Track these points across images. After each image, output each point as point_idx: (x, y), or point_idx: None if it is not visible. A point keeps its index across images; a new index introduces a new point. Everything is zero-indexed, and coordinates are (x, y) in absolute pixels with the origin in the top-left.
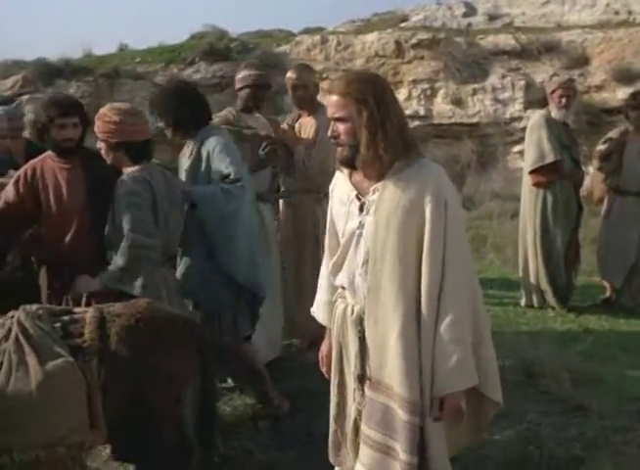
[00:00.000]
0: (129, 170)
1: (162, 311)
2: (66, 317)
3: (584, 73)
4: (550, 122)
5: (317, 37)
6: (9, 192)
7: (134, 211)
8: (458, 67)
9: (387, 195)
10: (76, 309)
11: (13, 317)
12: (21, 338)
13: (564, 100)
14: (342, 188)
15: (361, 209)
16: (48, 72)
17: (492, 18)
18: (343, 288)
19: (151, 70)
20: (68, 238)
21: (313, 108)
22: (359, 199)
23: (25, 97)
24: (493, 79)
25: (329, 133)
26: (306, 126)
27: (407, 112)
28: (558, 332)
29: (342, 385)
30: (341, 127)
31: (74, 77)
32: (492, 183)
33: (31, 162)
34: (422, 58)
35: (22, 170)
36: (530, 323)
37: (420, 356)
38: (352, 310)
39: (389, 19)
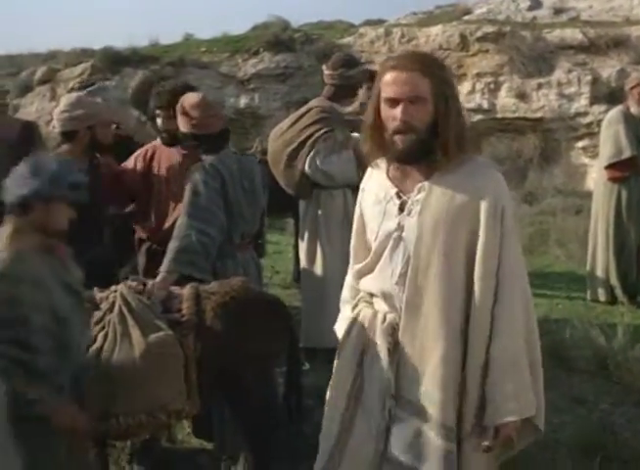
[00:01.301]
0: (204, 159)
1: (254, 291)
2: (148, 284)
3: None
4: (628, 118)
5: (381, 29)
6: (129, 163)
7: (196, 199)
8: (523, 61)
9: (435, 195)
10: (173, 287)
11: (116, 291)
12: (124, 310)
13: None
14: (379, 185)
15: (401, 208)
16: (115, 61)
17: (558, 11)
18: (371, 294)
19: (216, 59)
20: (169, 222)
21: None
22: (400, 197)
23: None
24: (559, 74)
25: (399, 116)
26: None
27: (470, 105)
28: (628, 326)
29: (357, 399)
30: (415, 110)
31: (141, 65)
32: (555, 179)
33: (148, 144)
34: (487, 51)
35: (143, 149)
36: (600, 317)
37: (465, 382)
38: (384, 318)
39: (452, 11)
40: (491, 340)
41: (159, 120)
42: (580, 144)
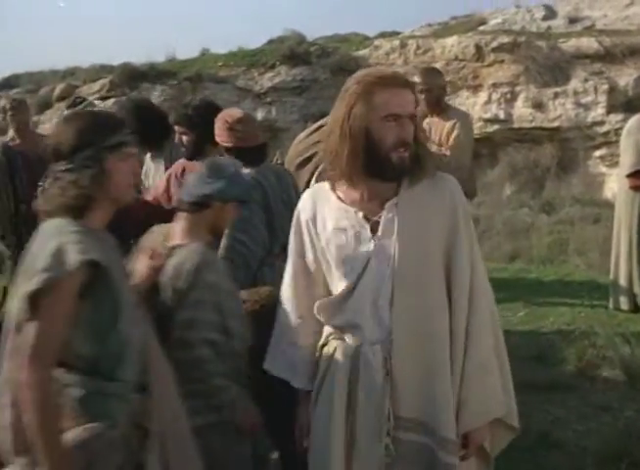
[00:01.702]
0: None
1: None
2: None
3: None
4: None
5: (396, 42)
6: (159, 187)
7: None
8: (539, 70)
9: (410, 212)
10: None
11: None
12: None
13: None
14: (333, 212)
15: (373, 231)
16: (133, 76)
17: (573, 21)
18: (340, 329)
19: (233, 73)
20: None
21: (440, 109)
22: (368, 220)
23: (112, 100)
24: (575, 83)
25: (403, 134)
26: (436, 126)
27: (487, 115)
28: None
29: (350, 442)
30: (412, 127)
31: (159, 81)
32: (573, 188)
33: (181, 160)
34: (502, 61)
35: (173, 168)
36: (622, 325)
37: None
38: (372, 348)
39: (467, 22)
40: (466, 347)
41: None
42: (598, 153)
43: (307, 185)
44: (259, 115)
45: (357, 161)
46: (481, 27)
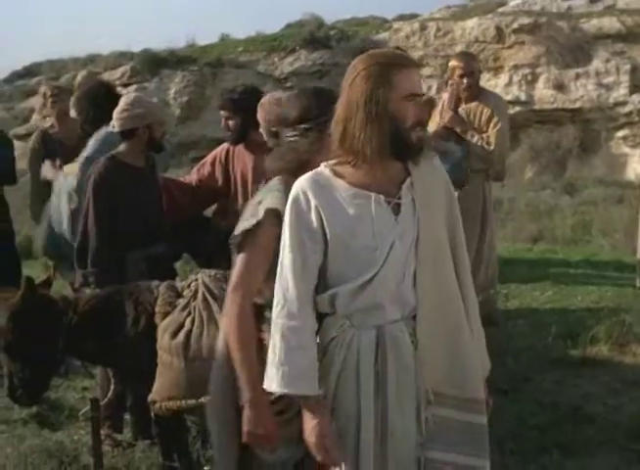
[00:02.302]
0: None
1: None
2: None
3: None
4: None
5: (416, 24)
6: (204, 168)
7: None
8: (560, 51)
9: (424, 191)
10: None
11: (197, 280)
12: (208, 297)
13: None
14: (346, 198)
15: (394, 213)
16: (154, 63)
17: (594, 0)
18: (357, 313)
19: (253, 58)
20: None
21: (476, 93)
22: (389, 202)
23: (133, 87)
24: (597, 63)
25: (422, 114)
26: (475, 111)
27: (508, 97)
28: None
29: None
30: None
31: (179, 67)
32: (595, 169)
33: (224, 144)
34: (523, 43)
35: (216, 151)
36: None
37: None
38: (398, 329)
39: (487, 4)
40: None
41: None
42: (620, 134)
43: None
44: None
45: (384, 142)
46: (501, 9)
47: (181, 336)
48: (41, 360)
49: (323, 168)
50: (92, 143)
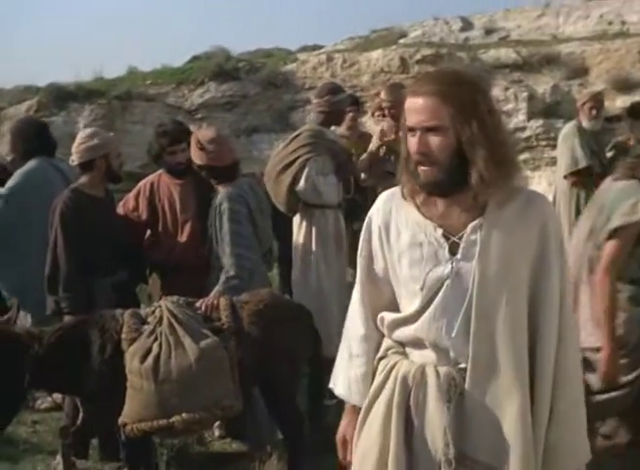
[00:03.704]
0: (223, 189)
1: (282, 299)
2: (198, 303)
3: (584, 83)
4: (581, 131)
5: (323, 56)
6: (129, 203)
7: (237, 227)
8: None
9: (496, 235)
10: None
11: (160, 306)
12: (173, 322)
13: (594, 111)
14: (410, 223)
15: (452, 251)
16: (61, 96)
17: (489, 31)
18: (402, 344)
19: (162, 91)
20: (179, 245)
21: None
22: (447, 238)
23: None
24: (497, 92)
25: (415, 148)
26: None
27: None
28: None
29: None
30: (434, 140)
31: (87, 101)
32: None
33: (148, 177)
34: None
35: (141, 184)
36: None
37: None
38: (437, 372)
39: (388, 35)
40: (555, 391)
41: (172, 157)
42: (521, 157)
43: (290, 188)
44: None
45: (410, 171)
46: (402, 40)
47: (150, 360)
48: (6, 395)
49: (399, 189)
50: (16, 174)
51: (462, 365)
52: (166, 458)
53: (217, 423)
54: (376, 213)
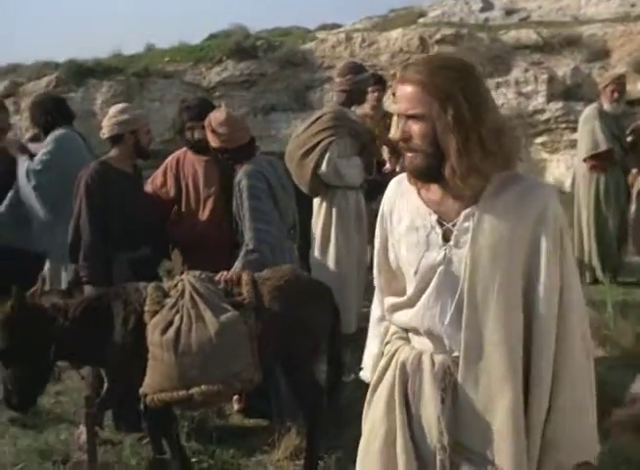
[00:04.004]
0: (242, 167)
1: (303, 276)
2: (217, 277)
3: (605, 66)
4: (602, 115)
5: (342, 35)
6: (157, 179)
7: (257, 203)
8: (481, 61)
9: (488, 223)
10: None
11: (182, 280)
12: (195, 296)
13: (616, 94)
14: (412, 207)
15: (445, 238)
16: (80, 73)
17: (509, 12)
18: (406, 330)
19: (180, 69)
20: (201, 221)
21: None
22: (442, 225)
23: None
24: (516, 73)
25: (397, 134)
26: None
27: None
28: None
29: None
30: (414, 128)
31: (106, 77)
32: None
33: (175, 153)
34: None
35: (167, 160)
36: (586, 295)
37: (528, 432)
38: (432, 360)
39: (407, 14)
40: (555, 387)
41: (190, 133)
42: (539, 140)
43: (314, 172)
44: None
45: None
46: (422, 20)
47: (171, 332)
48: (34, 367)
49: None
50: (49, 141)
51: (456, 354)
52: (187, 430)
53: (236, 397)
54: (385, 200)
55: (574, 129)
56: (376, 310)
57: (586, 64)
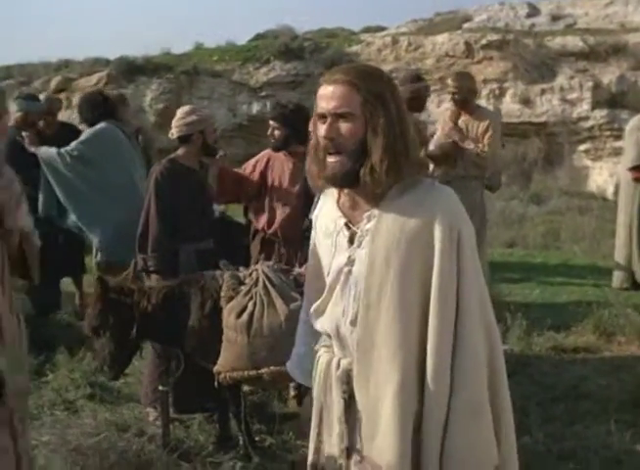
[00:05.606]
0: None
1: None
2: (294, 271)
3: None
4: None
5: (388, 38)
6: (248, 168)
7: None
8: (527, 67)
9: (385, 224)
10: (295, 268)
11: (257, 270)
12: (267, 285)
13: None
14: (329, 215)
15: (351, 240)
16: (130, 70)
17: (555, 18)
18: (328, 335)
19: (228, 68)
20: (279, 216)
21: (472, 109)
22: (349, 228)
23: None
24: (561, 80)
25: (324, 132)
26: (472, 125)
27: None
28: None
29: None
30: (343, 126)
31: (155, 75)
32: (558, 181)
33: (268, 150)
34: (491, 58)
35: (260, 155)
36: (628, 299)
37: (424, 438)
38: (338, 364)
39: (452, 18)
40: (452, 390)
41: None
42: (582, 147)
43: None
44: (254, 108)
45: (320, 162)
46: (467, 24)
47: (245, 316)
48: (120, 342)
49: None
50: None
51: (353, 358)
52: (249, 411)
53: (293, 384)
54: (316, 209)
55: (618, 137)
56: (303, 313)
57: (632, 72)
